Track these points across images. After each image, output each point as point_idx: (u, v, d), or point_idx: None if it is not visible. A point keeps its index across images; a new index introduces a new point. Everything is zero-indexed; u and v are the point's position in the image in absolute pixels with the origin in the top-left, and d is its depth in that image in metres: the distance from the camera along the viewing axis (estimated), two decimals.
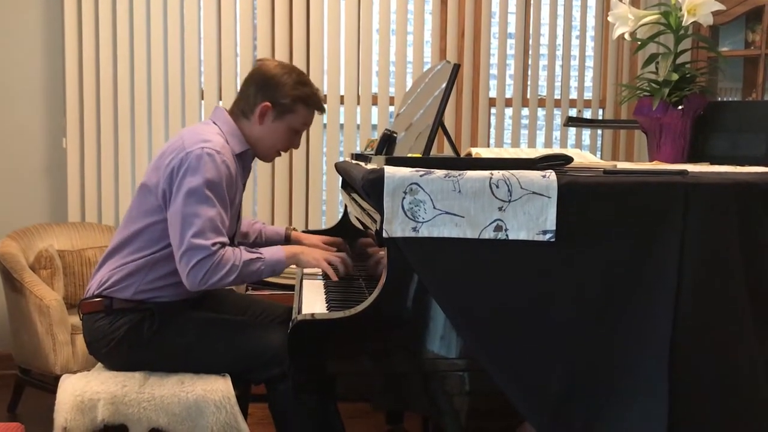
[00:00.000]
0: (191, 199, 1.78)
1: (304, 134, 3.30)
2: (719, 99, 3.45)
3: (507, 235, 1.36)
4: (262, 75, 1.95)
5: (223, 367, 1.89)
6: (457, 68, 1.65)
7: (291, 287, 2.99)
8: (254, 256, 1.85)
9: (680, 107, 2.00)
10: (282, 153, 2.06)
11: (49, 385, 2.64)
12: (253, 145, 1.99)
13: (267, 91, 1.93)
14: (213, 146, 1.83)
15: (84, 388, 1.82)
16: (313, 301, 1.69)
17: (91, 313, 1.91)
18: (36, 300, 2.58)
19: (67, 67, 3.26)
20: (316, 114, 2.05)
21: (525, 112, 3.58)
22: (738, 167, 1.78)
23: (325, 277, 1.94)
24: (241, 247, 1.88)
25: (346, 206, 2.60)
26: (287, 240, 2.26)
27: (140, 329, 1.87)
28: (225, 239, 1.83)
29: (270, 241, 2.26)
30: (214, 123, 1.96)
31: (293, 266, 1.96)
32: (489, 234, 1.36)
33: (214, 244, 1.78)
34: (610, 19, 2.08)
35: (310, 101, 1.97)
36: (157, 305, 1.90)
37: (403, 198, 1.36)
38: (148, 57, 3.31)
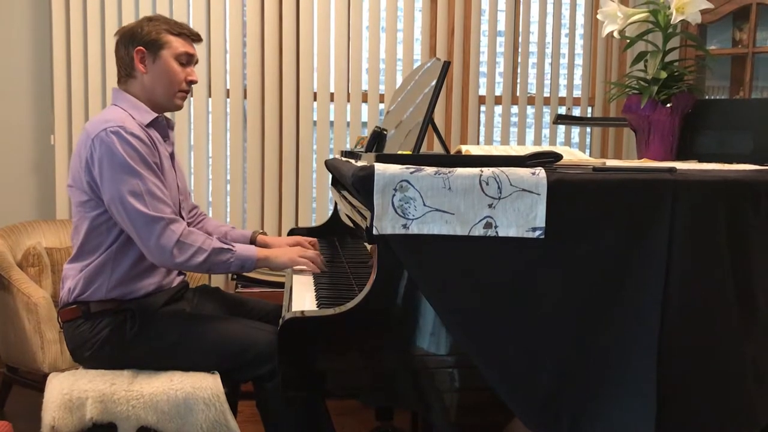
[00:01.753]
0: (119, 178, 1.77)
1: (293, 130, 3.36)
2: (707, 97, 3.48)
3: (497, 232, 1.36)
4: (122, 34, 1.96)
5: (208, 365, 1.87)
6: (447, 66, 1.65)
7: (281, 285, 2.99)
8: (225, 246, 1.86)
9: (669, 105, 2.02)
10: (186, 91, 2.00)
11: (37, 383, 2.62)
12: (153, 97, 1.95)
13: (133, 41, 1.93)
14: (114, 123, 1.81)
15: (72, 386, 1.81)
16: (303, 299, 1.69)
17: (70, 320, 1.89)
18: (24, 298, 2.57)
19: (55, 62, 3.24)
20: (205, 51, 2.05)
21: (514, 109, 3.59)
22: (726, 165, 1.79)
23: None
24: (214, 237, 1.88)
25: (336, 203, 2.60)
26: (252, 243, 2.22)
27: (122, 330, 1.85)
28: (172, 209, 1.83)
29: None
30: (115, 105, 1.95)
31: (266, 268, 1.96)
32: (479, 231, 1.36)
33: (165, 213, 1.79)
34: (599, 17, 2.09)
35: (173, 28, 1.96)
36: (138, 304, 1.88)
37: (393, 195, 1.35)
38: None
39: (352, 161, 1.85)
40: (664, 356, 1.36)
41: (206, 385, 1.81)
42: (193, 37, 2.01)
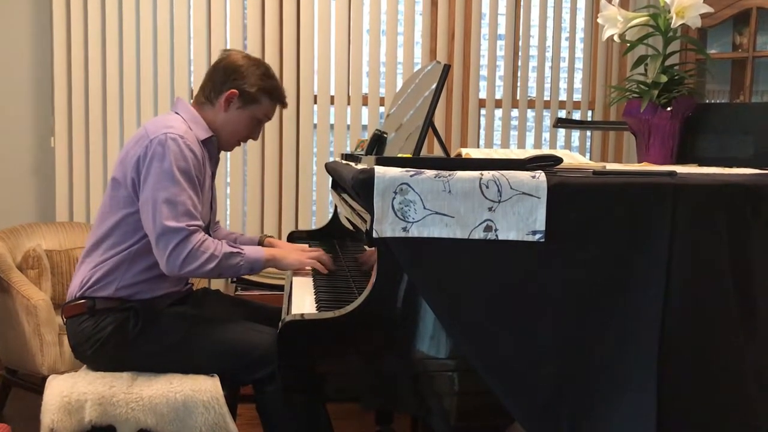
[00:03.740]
0: (161, 183, 1.81)
1: (293, 133, 3.36)
2: (707, 101, 3.48)
3: (497, 236, 1.36)
4: (229, 64, 2.00)
5: (208, 367, 1.88)
6: (447, 69, 1.65)
7: (280, 287, 2.99)
8: (235, 250, 1.88)
9: (669, 109, 2.01)
10: (242, 143, 2.10)
11: (36, 385, 2.62)
12: (215, 132, 2.02)
13: (234, 80, 1.97)
14: (176, 131, 1.86)
15: (71, 388, 1.81)
16: (303, 302, 1.69)
17: (74, 316, 1.90)
18: (23, 300, 2.56)
19: (56, 65, 3.24)
20: (281, 109, 2.13)
21: (515, 113, 3.59)
22: (726, 169, 1.79)
23: (315, 273, 1.95)
24: (223, 241, 1.90)
25: (336, 206, 2.60)
26: (260, 245, 2.24)
27: (125, 329, 1.86)
28: (200, 223, 1.85)
29: None
30: (176, 113, 2.00)
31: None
32: (479, 234, 1.36)
33: (189, 226, 1.80)
34: (599, 20, 2.09)
35: (275, 94, 2.02)
36: (141, 303, 1.89)
37: (393, 198, 1.35)
38: (137, 56, 3.30)
39: (352, 164, 1.85)
40: (664, 361, 1.36)
41: (205, 388, 1.81)
42: (284, 106, 2.09)
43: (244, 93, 1.97)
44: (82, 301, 1.89)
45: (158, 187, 1.81)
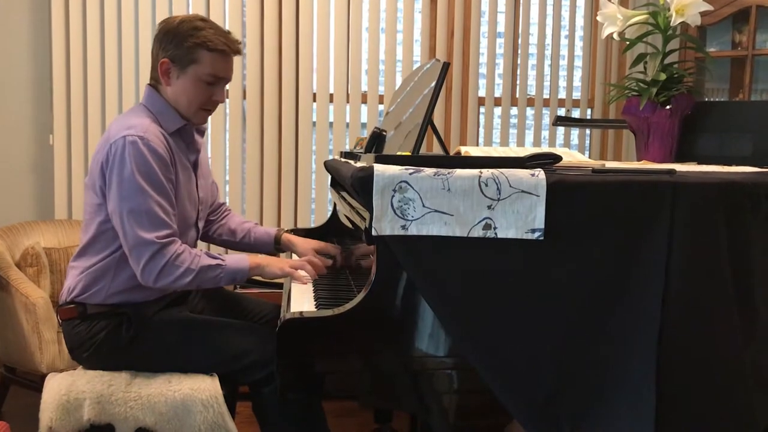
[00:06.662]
0: (123, 193, 1.72)
1: (292, 131, 3.35)
2: (706, 99, 3.47)
3: (496, 234, 1.36)
4: (161, 31, 1.82)
5: (204, 369, 1.86)
6: (446, 67, 1.65)
7: (280, 285, 2.98)
8: (214, 262, 1.78)
9: (668, 107, 2.01)
10: (210, 110, 1.89)
11: (35, 383, 2.62)
12: (177, 107, 1.85)
13: (164, 48, 1.80)
14: (135, 132, 1.73)
15: (70, 387, 1.80)
16: (302, 300, 1.69)
17: (68, 319, 1.87)
18: (22, 298, 2.56)
19: (54, 62, 3.23)
20: (241, 61, 1.93)
21: (514, 111, 3.59)
22: (725, 167, 1.79)
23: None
24: (203, 251, 1.80)
25: (335, 204, 2.60)
26: (277, 241, 2.18)
27: (118, 333, 1.83)
28: (170, 230, 1.75)
29: (259, 242, 2.20)
30: (144, 105, 1.87)
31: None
32: (478, 232, 1.36)
33: (159, 238, 1.71)
34: (599, 18, 2.09)
35: (210, 44, 1.79)
36: (134, 308, 1.85)
37: (393, 196, 1.35)
38: (136, 53, 3.29)
39: (352, 162, 1.85)
40: (663, 359, 1.36)
41: (204, 386, 1.81)
42: (232, 52, 1.87)
43: (175, 57, 1.79)
44: (73, 305, 1.86)
45: (122, 197, 1.72)
